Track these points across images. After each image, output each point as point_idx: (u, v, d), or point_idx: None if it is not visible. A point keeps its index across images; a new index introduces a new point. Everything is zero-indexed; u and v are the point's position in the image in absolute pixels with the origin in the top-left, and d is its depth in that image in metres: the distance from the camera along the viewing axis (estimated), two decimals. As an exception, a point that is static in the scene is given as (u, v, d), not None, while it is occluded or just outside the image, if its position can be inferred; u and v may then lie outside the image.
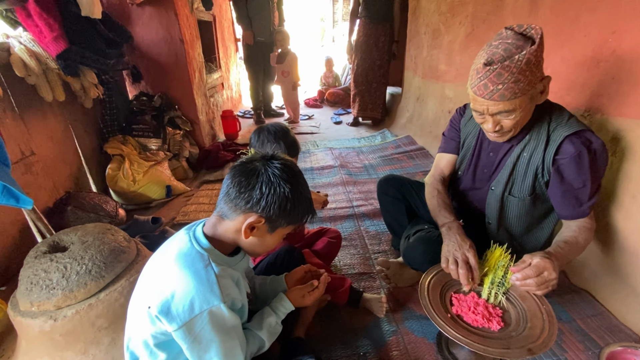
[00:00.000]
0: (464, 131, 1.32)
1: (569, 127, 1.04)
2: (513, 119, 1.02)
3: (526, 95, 0.98)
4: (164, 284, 0.71)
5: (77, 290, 1.11)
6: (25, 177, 1.69)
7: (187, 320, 0.69)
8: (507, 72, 0.94)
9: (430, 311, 0.99)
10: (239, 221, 0.78)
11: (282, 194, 0.76)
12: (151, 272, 0.79)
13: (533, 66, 0.93)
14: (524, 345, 0.89)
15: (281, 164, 0.78)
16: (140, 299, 0.76)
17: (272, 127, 1.23)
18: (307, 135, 3.95)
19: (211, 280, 0.72)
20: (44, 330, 1.09)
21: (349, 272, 1.60)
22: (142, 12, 2.52)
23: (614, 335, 1.20)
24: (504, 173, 1.18)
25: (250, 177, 0.76)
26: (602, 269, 1.34)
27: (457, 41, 2.60)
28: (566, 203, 1.09)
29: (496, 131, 1.08)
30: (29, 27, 1.66)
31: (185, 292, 0.69)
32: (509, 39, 0.97)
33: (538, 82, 0.98)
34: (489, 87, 0.97)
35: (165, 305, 0.69)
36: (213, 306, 0.70)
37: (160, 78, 2.75)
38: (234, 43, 5.15)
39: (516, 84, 0.95)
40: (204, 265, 0.73)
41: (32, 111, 1.78)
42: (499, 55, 0.95)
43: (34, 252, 1.19)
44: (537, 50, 0.92)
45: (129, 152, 2.27)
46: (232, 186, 0.77)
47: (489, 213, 1.26)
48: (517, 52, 0.93)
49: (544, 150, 1.08)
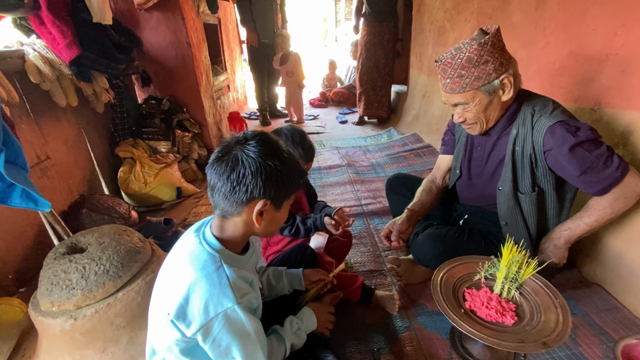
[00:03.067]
0: (458, 130, 1.39)
1: (552, 118, 1.07)
2: (471, 112, 1.11)
3: (478, 90, 1.06)
4: (177, 288, 0.71)
5: (96, 290, 1.14)
6: (41, 180, 1.73)
7: (203, 324, 0.69)
8: (450, 68, 1.05)
9: (444, 307, 1.00)
10: (246, 213, 0.76)
11: (274, 169, 0.73)
12: (165, 277, 0.79)
13: (477, 63, 1.01)
14: (539, 339, 0.90)
15: (257, 142, 0.74)
16: (158, 306, 0.76)
17: (288, 131, 1.23)
18: (314, 135, 3.97)
19: (223, 282, 0.71)
20: (65, 329, 1.12)
21: (360, 269, 1.61)
22: (150, 17, 2.56)
23: (629, 329, 1.19)
24: (506, 171, 1.19)
25: (235, 167, 0.72)
26: (615, 263, 1.34)
27: (462, 38, 2.58)
28: (584, 186, 1.09)
29: (462, 122, 1.17)
30: (42, 34, 1.70)
31: (199, 295, 0.69)
32: (467, 39, 1.05)
33: (492, 79, 1.04)
34: (442, 80, 1.11)
35: (180, 310, 0.69)
36: (228, 309, 0.70)
37: (169, 81, 2.79)
38: (238, 45, 5.18)
39: (461, 79, 1.05)
40: (216, 268, 0.72)
41: (47, 116, 1.83)
42: (449, 53, 1.06)
43: (53, 254, 1.23)
44: (478, 49, 1.00)
45: (139, 155, 2.30)
46: (223, 183, 0.73)
47: (502, 214, 1.25)
48: (461, 51, 1.03)
49: (532, 142, 1.11)
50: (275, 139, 0.79)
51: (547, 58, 1.69)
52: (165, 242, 1.74)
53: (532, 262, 1.01)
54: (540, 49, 1.72)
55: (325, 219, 1.24)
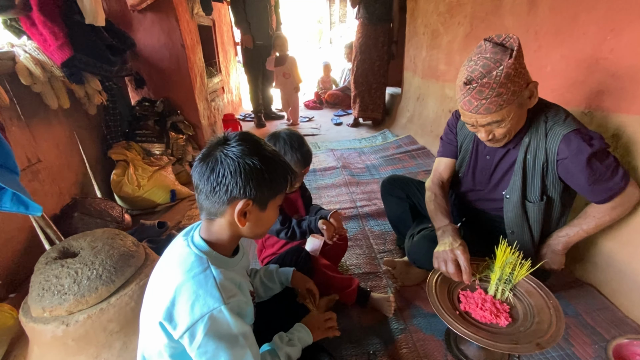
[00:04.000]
0: (461, 134, 1.34)
1: (566, 126, 1.05)
2: (504, 127, 1.05)
3: (513, 104, 1.00)
4: (165, 291, 0.71)
5: (89, 295, 1.12)
6: (32, 184, 1.71)
7: (189, 326, 0.68)
8: (488, 89, 0.96)
9: (439, 309, 1.01)
10: (229, 214, 0.76)
11: (253, 168, 0.73)
12: (155, 281, 0.78)
13: (513, 77, 0.96)
14: (532, 340, 0.91)
15: (237, 140, 0.74)
16: (149, 310, 0.76)
17: (287, 136, 1.22)
18: (309, 137, 3.97)
19: (210, 283, 0.71)
20: (57, 335, 1.10)
21: (356, 271, 1.61)
22: (144, 19, 2.54)
23: (620, 329, 1.21)
24: (515, 179, 1.17)
25: (215, 168, 0.72)
26: (606, 263, 1.36)
27: (456, 41, 2.63)
28: (590, 194, 1.10)
29: (490, 139, 1.11)
30: (33, 35, 1.68)
31: (186, 296, 0.69)
32: (487, 52, 0.99)
33: (523, 90, 1.00)
34: (473, 102, 1.01)
35: (167, 312, 0.69)
36: (214, 309, 0.69)
37: (163, 83, 2.77)
38: (233, 47, 5.18)
39: (499, 97, 0.97)
40: (202, 269, 0.72)
41: (38, 119, 1.80)
42: (478, 72, 0.98)
43: (45, 258, 1.21)
44: (514, 62, 0.94)
45: (133, 157, 2.28)
46: (204, 184, 0.74)
47: (509, 222, 1.24)
48: (495, 68, 0.96)
49: (545, 151, 1.10)
50: (257, 138, 0.79)
51: (539, 61, 1.71)
52: (159, 245, 1.73)
53: (525, 263, 1.02)
54: (533, 53, 1.75)
55: (319, 222, 1.24)
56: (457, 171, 1.40)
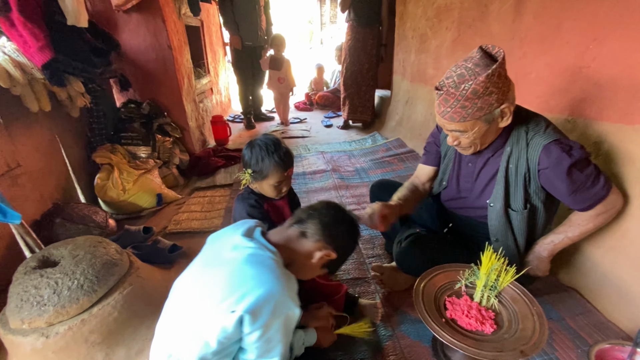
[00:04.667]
0: (444, 143, 1.37)
1: (547, 137, 1.07)
2: (468, 138, 1.09)
3: (479, 120, 1.03)
4: (244, 285, 0.74)
5: (69, 306, 1.10)
6: (12, 190, 1.65)
7: (266, 321, 0.74)
8: (453, 99, 1.01)
9: (425, 316, 1.01)
10: (316, 247, 0.89)
11: (353, 244, 1.00)
12: (210, 279, 0.80)
13: (482, 95, 0.98)
14: (517, 347, 0.92)
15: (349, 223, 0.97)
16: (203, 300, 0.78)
17: (262, 142, 1.22)
18: (299, 139, 3.96)
19: (291, 286, 0.80)
20: (36, 347, 1.07)
21: (344, 277, 1.61)
22: (129, 19, 2.49)
23: (602, 333, 1.23)
24: (498, 188, 1.19)
25: (341, 220, 0.95)
26: (590, 268, 1.38)
27: (444, 46, 2.65)
28: (572, 202, 1.12)
29: (456, 145, 1.16)
30: (12, 37, 1.62)
31: (271, 294, 0.74)
32: (473, 61, 1.01)
33: (493, 109, 1.01)
34: (441, 107, 1.06)
35: (252, 305, 0.72)
36: (290, 310, 0.77)
37: (149, 85, 2.72)
38: (222, 47, 5.12)
39: (463, 109, 1.01)
40: (281, 272, 0.79)
41: (18, 122, 1.75)
42: (451, 80, 1.02)
43: (23, 268, 1.17)
44: (485, 81, 0.96)
45: (118, 160, 2.23)
46: (328, 218, 0.91)
47: (493, 230, 1.25)
48: (467, 80, 0.98)
49: (526, 160, 1.12)
50: None
51: (524, 68, 1.74)
52: (144, 251, 1.69)
53: (510, 270, 1.03)
54: (518, 60, 1.78)
55: None
56: (440, 180, 1.43)
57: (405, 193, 1.42)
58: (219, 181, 2.74)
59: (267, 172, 1.20)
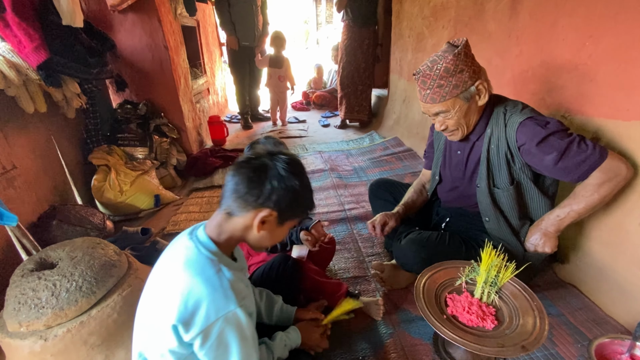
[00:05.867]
0: (437, 139, 1.45)
1: (522, 115, 1.14)
2: (452, 119, 1.16)
3: (457, 98, 1.11)
4: (176, 293, 0.70)
5: (68, 308, 1.08)
6: (7, 192, 1.64)
7: (204, 328, 0.69)
8: (429, 79, 1.11)
9: (427, 313, 1.01)
10: (249, 217, 0.78)
11: (293, 187, 0.77)
12: (158, 283, 0.78)
13: (453, 72, 1.08)
14: (518, 343, 0.92)
15: (288, 158, 0.80)
16: (153, 312, 0.76)
17: (264, 143, 1.24)
18: (297, 139, 3.95)
19: (224, 285, 0.72)
20: (34, 351, 1.06)
21: (344, 276, 1.61)
22: (125, 19, 2.48)
23: (601, 327, 1.24)
24: (482, 168, 1.25)
25: (259, 172, 0.76)
26: (587, 263, 1.39)
27: (440, 44, 2.66)
28: (564, 174, 1.12)
29: (444, 130, 1.22)
30: (7, 37, 1.61)
31: (201, 300, 0.69)
32: (440, 51, 1.13)
33: (469, 86, 1.11)
34: (422, 92, 1.16)
35: (181, 314, 0.69)
36: (229, 312, 0.71)
37: (145, 85, 2.71)
38: (218, 48, 5.11)
39: (441, 89, 1.10)
40: (215, 271, 0.73)
41: (13, 124, 1.73)
42: (425, 66, 1.12)
43: (21, 271, 1.16)
44: (453, 59, 1.07)
45: (114, 162, 2.22)
46: (240, 182, 0.76)
47: (483, 210, 1.30)
48: (438, 62, 1.09)
49: (505, 139, 1.17)
50: (302, 165, 0.85)
51: (520, 66, 1.75)
52: (142, 253, 1.68)
53: (510, 265, 1.04)
54: (514, 58, 1.79)
55: (302, 233, 1.25)
56: (434, 173, 1.48)
57: (411, 195, 1.55)
58: (216, 181, 2.73)
59: None
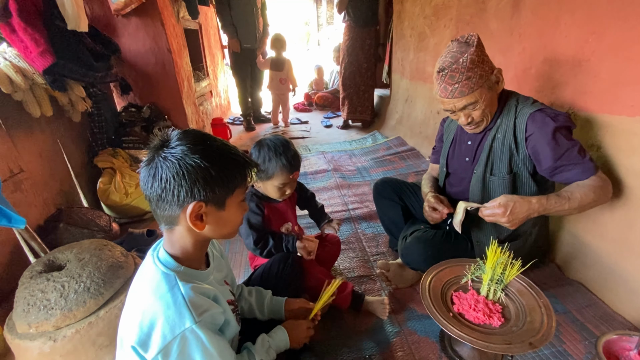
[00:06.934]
0: (447, 131, 1.48)
1: (533, 107, 1.18)
2: (479, 109, 1.19)
3: (483, 87, 1.15)
4: (135, 313, 0.69)
5: (76, 309, 1.09)
6: (15, 195, 1.65)
7: (162, 348, 0.65)
8: (457, 73, 1.13)
9: (433, 311, 1.01)
10: (183, 219, 0.71)
11: (197, 167, 0.67)
12: (128, 301, 0.75)
13: (478, 63, 1.12)
14: (525, 340, 0.92)
15: (177, 140, 0.69)
16: (123, 331, 0.73)
17: (271, 142, 1.22)
18: (299, 139, 3.96)
19: (179, 302, 0.67)
20: (44, 352, 1.07)
21: (349, 275, 1.61)
22: (128, 23, 2.50)
23: (609, 324, 1.24)
24: (482, 155, 1.28)
25: (156, 173, 0.68)
26: (593, 260, 1.39)
27: (442, 43, 2.66)
28: (565, 169, 1.14)
29: (469, 123, 1.23)
30: (13, 42, 1.63)
31: (155, 318, 0.66)
32: (454, 48, 1.16)
33: (490, 75, 1.16)
34: (448, 88, 1.16)
35: (139, 336, 0.66)
36: (186, 329, 0.66)
37: (149, 89, 2.73)
38: (220, 50, 5.14)
39: (469, 80, 1.13)
40: (169, 288, 0.69)
41: (20, 128, 1.75)
42: (447, 62, 1.15)
43: (29, 272, 1.17)
44: (476, 50, 1.12)
45: (119, 164, 2.23)
46: (150, 192, 0.69)
47: (472, 196, 1.33)
48: (461, 56, 1.12)
49: (513, 128, 1.20)
50: (201, 133, 0.74)
51: (523, 64, 1.74)
52: (148, 254, 1.69)
53: (516, 263, 1.04)
54: (517, 55, 1.78)
55: (297, 243, 1.25)
56: (442, 165, 1.48)
57: (432, 183, 1.50)
58: (220, 183, 2.74)
59: (273, 173, 1.20)
